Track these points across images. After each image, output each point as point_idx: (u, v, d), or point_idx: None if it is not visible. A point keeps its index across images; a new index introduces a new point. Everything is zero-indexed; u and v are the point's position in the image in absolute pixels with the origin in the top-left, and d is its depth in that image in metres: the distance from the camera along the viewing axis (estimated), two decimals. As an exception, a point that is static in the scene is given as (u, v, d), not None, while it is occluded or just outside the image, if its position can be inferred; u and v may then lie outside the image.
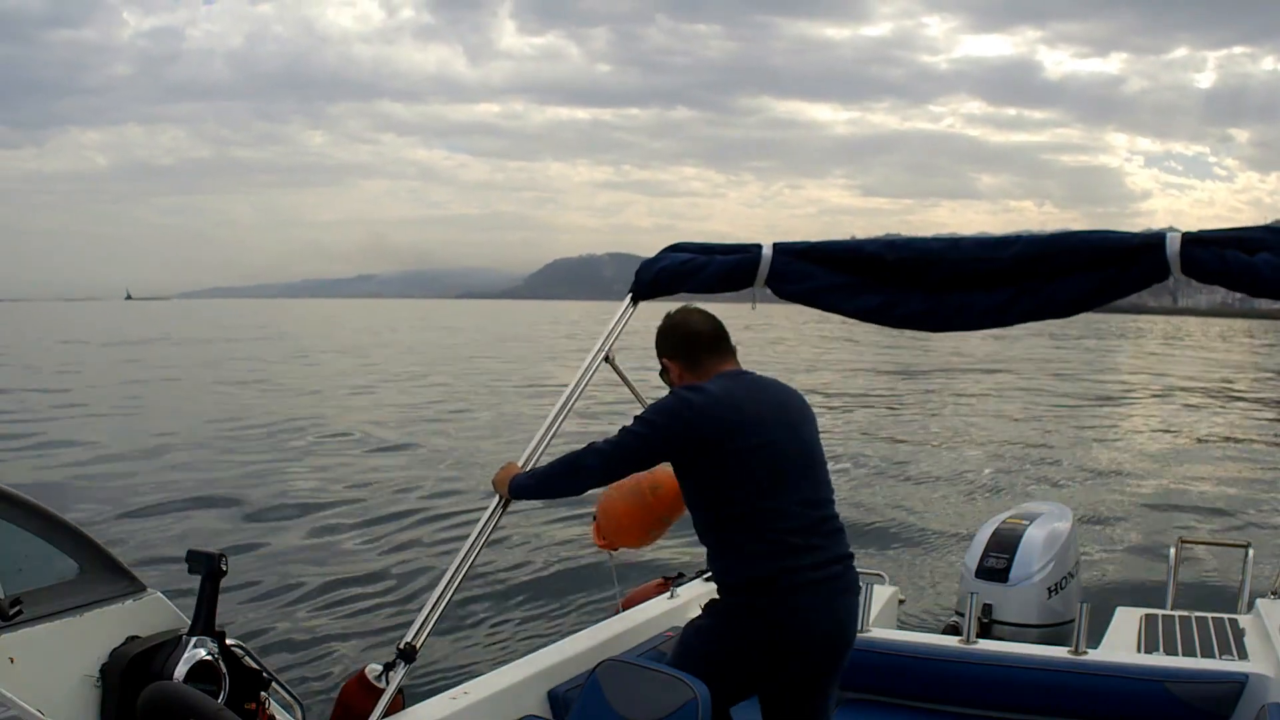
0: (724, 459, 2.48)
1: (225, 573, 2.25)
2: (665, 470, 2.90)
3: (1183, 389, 24.34)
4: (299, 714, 2.37)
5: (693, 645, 2.58)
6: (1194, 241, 2.60)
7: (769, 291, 3.14)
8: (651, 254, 3.29)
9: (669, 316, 2.79)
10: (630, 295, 3.27)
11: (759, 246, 3.10)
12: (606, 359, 3.21)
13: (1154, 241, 2.64)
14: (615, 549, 3.35)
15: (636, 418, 2.57)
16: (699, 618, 2.66)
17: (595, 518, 3.28)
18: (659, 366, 2.78)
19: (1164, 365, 34.44)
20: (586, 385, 3.10)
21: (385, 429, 15.61)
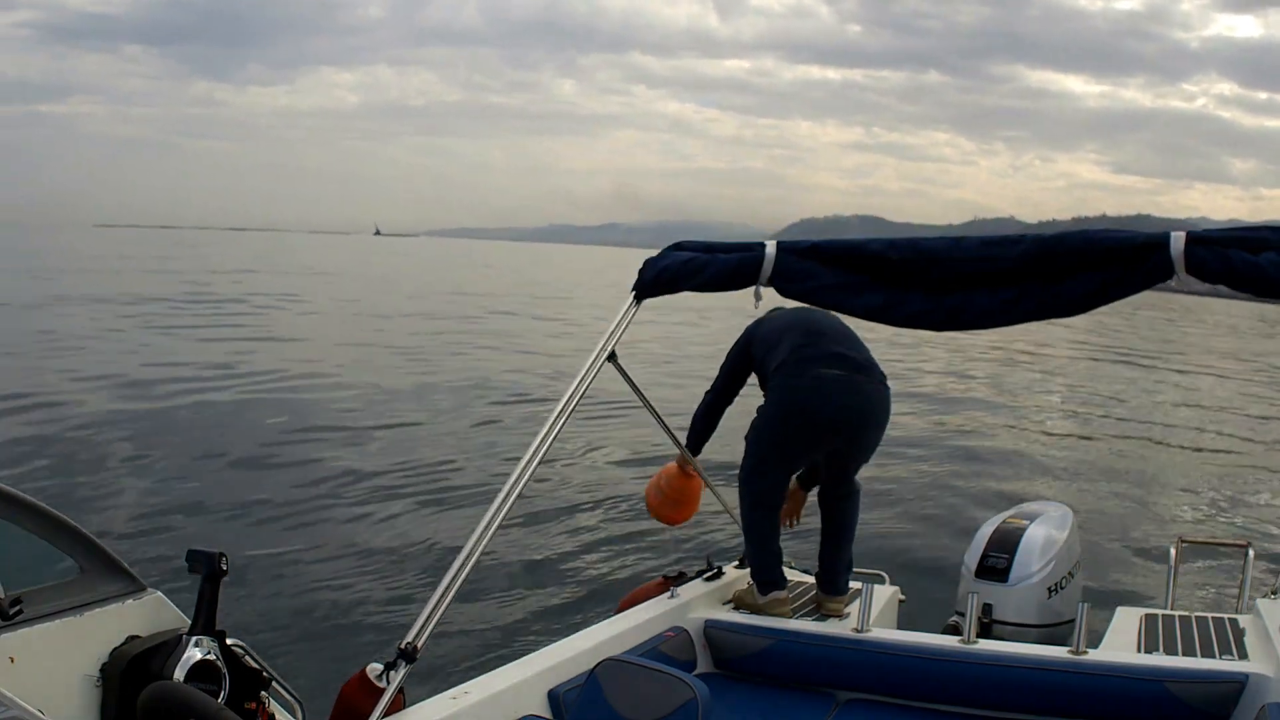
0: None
1: (226, 572, 2.24)
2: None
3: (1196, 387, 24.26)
4: (299, 714, 2.37)
5: (750, 435, 3.71)
6: (1197, 241, 2.61)
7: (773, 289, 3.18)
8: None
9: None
10: (633, 294, 3.27)
11: (762, 245, 3.13)
12: (610, 358, 3.20)
13: (1158, 241, 2.66)
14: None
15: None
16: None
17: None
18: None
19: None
20: (589, 385, 3.10)
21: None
